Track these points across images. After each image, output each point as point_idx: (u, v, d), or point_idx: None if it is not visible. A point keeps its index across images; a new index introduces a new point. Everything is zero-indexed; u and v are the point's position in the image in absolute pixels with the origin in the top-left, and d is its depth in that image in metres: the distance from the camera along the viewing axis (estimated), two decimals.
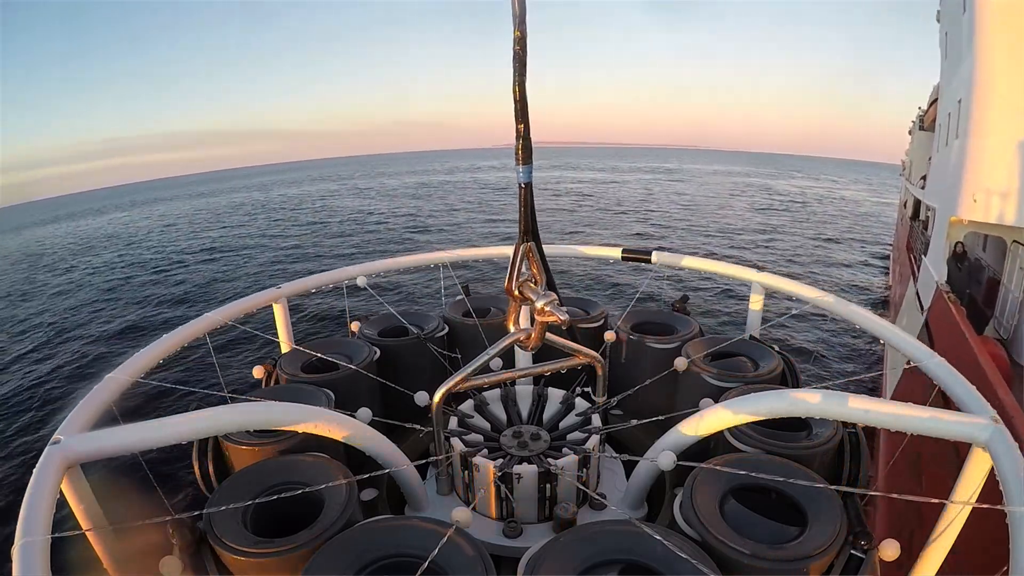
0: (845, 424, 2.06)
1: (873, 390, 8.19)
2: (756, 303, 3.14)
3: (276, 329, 3.17)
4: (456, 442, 2.34)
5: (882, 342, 2.35)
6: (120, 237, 36.01)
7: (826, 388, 1.77)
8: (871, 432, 1.98)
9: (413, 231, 28.37)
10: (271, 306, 3.07)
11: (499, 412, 2.74)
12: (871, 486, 1.84)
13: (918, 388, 2.26)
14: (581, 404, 2.70)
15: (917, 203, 14.57)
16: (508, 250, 2.06)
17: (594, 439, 2.32)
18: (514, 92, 1.71)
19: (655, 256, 3.44)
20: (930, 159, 12.88)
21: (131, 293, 19.55)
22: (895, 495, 1.58)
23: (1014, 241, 7.89)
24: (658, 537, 1.47)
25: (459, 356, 3.27)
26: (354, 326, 3.31)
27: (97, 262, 27.03)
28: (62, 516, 1.46)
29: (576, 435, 2.47)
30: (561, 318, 1.81)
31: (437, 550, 1.46)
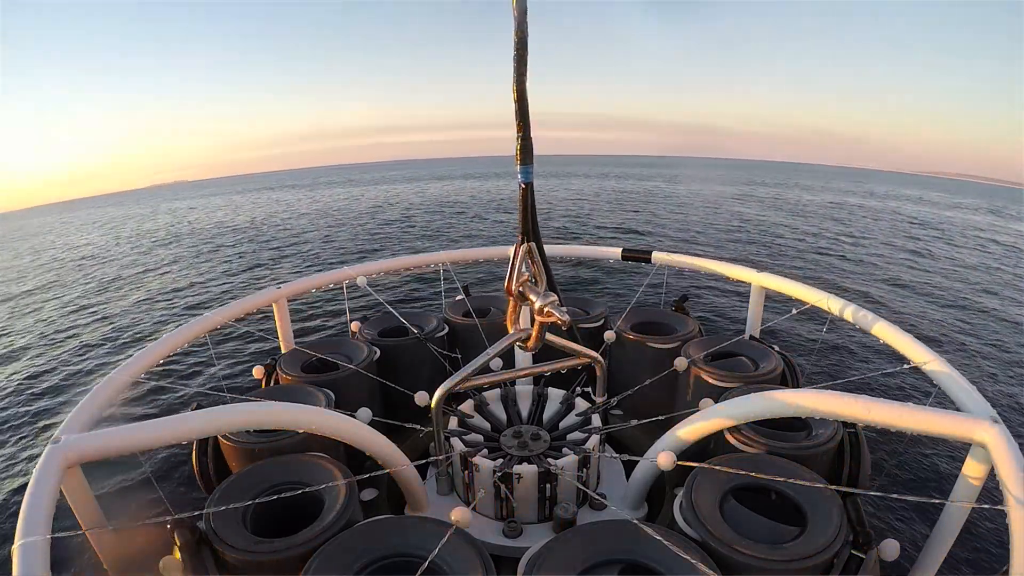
0: (845, 424, 2.06)
1: (873, 390, 8.20)
2: (756, 303, 3.14)
3: (276, 329, 3.17)
4: (456, 442, 2.34)
5: (882, 342, 2.36)
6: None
7: (826, 388, 1.77)
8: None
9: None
10: (271, 306, 3.07)
11: (499, 412, 2.74)
12: (871, 486, 1.84)
13: (918, 388, 2.26)
14: (581, 404, 2.70)
15: None
16: (508, 250, 2.06)
17: (594, 439, 2.32)
18: (514, 92, 1.71)
19: (655, 256, 3.45)
20: None
21: None
22: (895, 495, 1.58)
23: None
24: (658, 537, 1.47)
25: (459, 356, 3.28)
26: (354, 326, 3.31)
27: None
28: (62, 516, 1.46)
29: (576, 435, 2.47)
30: (561, 318, 1.81)
31: (437, 550, 1.46)
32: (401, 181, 65.42)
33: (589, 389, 2.82)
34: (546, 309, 1.85)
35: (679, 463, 1.81)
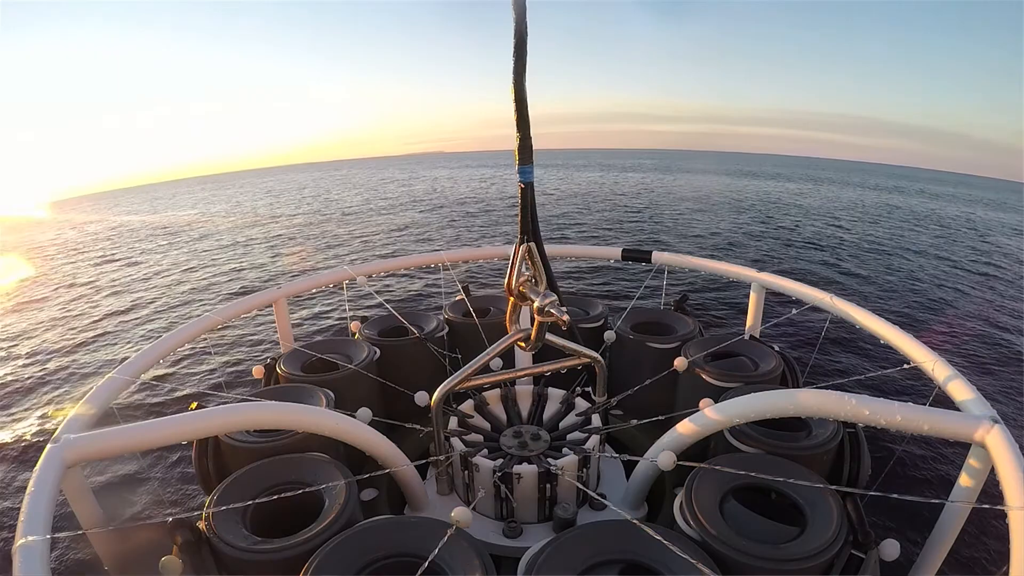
0: (845, 424, 2.06)
1: (873, 390, 8.19)
2: (756, 303, 3.14)
3: (276, 329, 3.17)
4: (456, 442, 2.34)
5: (882, 341, 2.36)
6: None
7: (826, 388, 1.77)
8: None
9: None
10: (271, 306, 3.07)
11: (499, 412, 2.74)
12: (871, 486, 1.85)
13: (918, 388, 2.26)
14: (581, 404, 2.70)
15: None
16: (508, 250, 2.06)
17: (594, 439, 2.32)
18: (513, 92, 1.71)
19: (655, 256, 3.45)
20: None
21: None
22: (895, 495, 1.58)
23: None
24: (658, 537, 1.47)
25: (459, 356, 3.28)
26: (354, 326, 3.31)
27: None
28: (62, 516, 1.46)
29: (576, 435, 2.47)
30: (561, 318, 1.81)
31: (437, 550, 1.46)
32: (652, 171, 65.69)
33: (589, 389, 2.82)
34: (546, 309, 1.85)
35: (679, 463, 1.81)
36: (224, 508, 1.66)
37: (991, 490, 1.52)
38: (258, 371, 2.87)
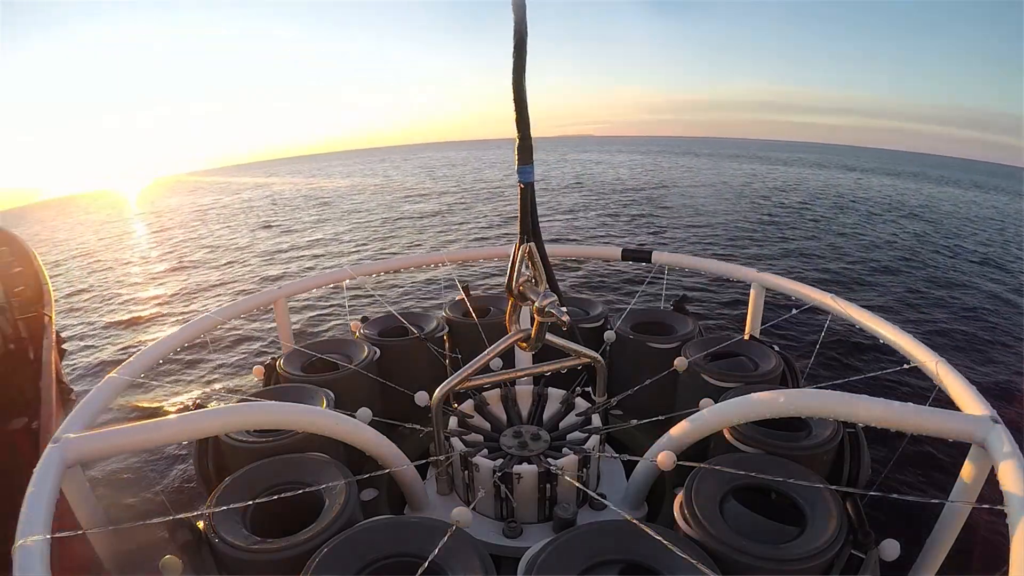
0: (845, 424, 2.06)
1: (873, 390, 8.19)
2: (756, 303, 3.14)
3: (276, 329, 3.17)
4: (456, 442, 2.34)
5: (881, 341, 2.36)
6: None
7: (826, 388, 1.78)
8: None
9: None
10: (271, 306, 3.08)
11: (499, 412, 2.74)
12: (871, 486, 1.85)
13: (918, 388, 2.26)
14: (581, 404, 2.70)
15: None
16: (508, 250, 2.06)
17: (594, 439, 2.32)
18: (513, 91, 1.71)
19: (655, 256, 3.45)
20: None
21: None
22: (895, 495, 1.58)
23: None
24: (658, 537, 1.47)
25: (459, 356, 3.28)
26: (354, 326, 3.31)
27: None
28: (61, 516, 1.46)
29: (576, 435, 2.47)
30: (561, 318, 1.81)
31: (437, 550, 1.46)
32: (803, 165, 61.94)
33: (589, 389, 2.82)
34: (546, 309, 1.85)
35: (679, 463, 1.81)
36: (224, 508, 1.66)
37: (991, 490, 1.52)
38: (258, 371, 2.88)
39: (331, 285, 3.35)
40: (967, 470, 1.59)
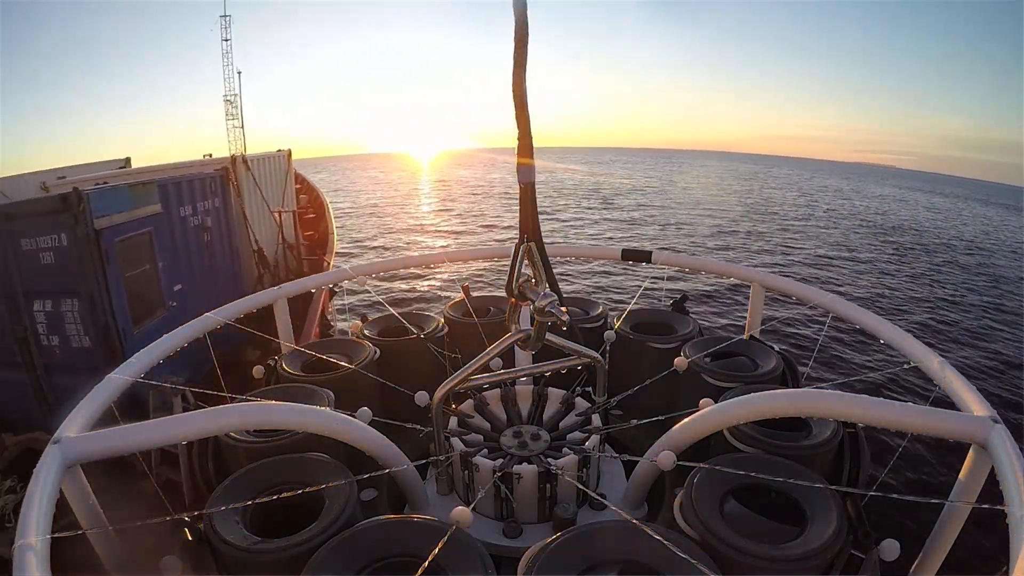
0: (845, 424, 2.06)
1: (873, 390, 8.20)
2: (756, 303, 3.14)
3: (276, 329, 3.17)
4: (456, 442, 2.34)
5: (882, 341, 2.36)
6: None
7: (826, 388, 1.78)
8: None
9: None
10: (271, 306, 3.07)
11: (499, 412, 2.74)
12: (871, 486, 1.85)
13: (918, 388, 2.27)
14: (581, 404, 2.70)
15: None
16: (508, 250, 2.06)
17: (594, 439, 2.32)
18: (513, 92, 1.71)
19: (655, 256, 3.45)
20: None
21: None
22: (895, 495, 1.58)
23: None
24: (658, 537, 1.47)
25: (459, 356, 3.28)
26: (354, 326, 3.31)
27: None
28: (61, 516, 1.46)
29: (576, 435, 2.47)
30: (561, 318, 1.81)
31: (437, 550, 1.46)
32: None
33: (589, 389, 2.82)
34: (546, 309, 1.85)
35: (679, 463, 1.81)
36: (224, 508, 1.66)
37: (991, 490, 1.52)
38: (258, 371, 2.87)
39: (331, 285, 3.36)
40: (967, 470, 1.59)
